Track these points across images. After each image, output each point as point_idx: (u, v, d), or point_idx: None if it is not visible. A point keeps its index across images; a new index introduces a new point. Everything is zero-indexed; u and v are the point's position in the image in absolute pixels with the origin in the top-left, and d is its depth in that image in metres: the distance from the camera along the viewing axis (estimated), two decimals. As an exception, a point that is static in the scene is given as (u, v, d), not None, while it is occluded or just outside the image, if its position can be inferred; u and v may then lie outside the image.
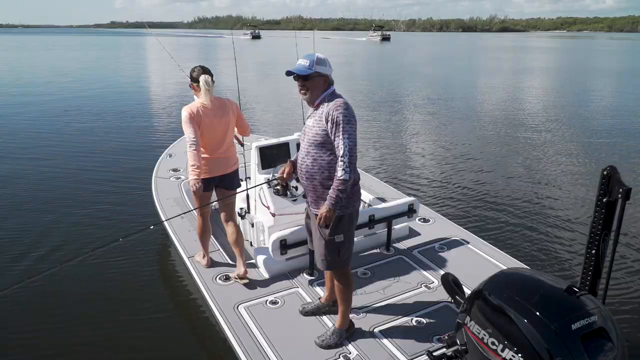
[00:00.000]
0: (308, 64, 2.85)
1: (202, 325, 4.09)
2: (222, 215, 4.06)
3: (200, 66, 3.79)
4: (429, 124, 13.13)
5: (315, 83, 2.87)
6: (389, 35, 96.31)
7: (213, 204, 4.11)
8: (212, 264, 4.07)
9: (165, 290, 4.76)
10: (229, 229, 4.04)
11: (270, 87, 21.05)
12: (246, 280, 3.81)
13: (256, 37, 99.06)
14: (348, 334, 3.16)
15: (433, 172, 8.60)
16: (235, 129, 4.10)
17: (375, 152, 9.95)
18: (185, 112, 3.67)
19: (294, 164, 3.21)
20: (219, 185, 3.95)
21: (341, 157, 2.76)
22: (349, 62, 36.69)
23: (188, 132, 3.64)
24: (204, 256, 4.09)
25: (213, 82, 3.74)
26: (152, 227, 3.71)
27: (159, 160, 6.39)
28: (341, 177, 2.76)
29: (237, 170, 4.05)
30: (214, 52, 49.01)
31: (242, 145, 4.56)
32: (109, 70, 28.90)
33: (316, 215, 2.98)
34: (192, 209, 4.28)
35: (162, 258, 5.38)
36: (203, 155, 3.74)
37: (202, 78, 3.68)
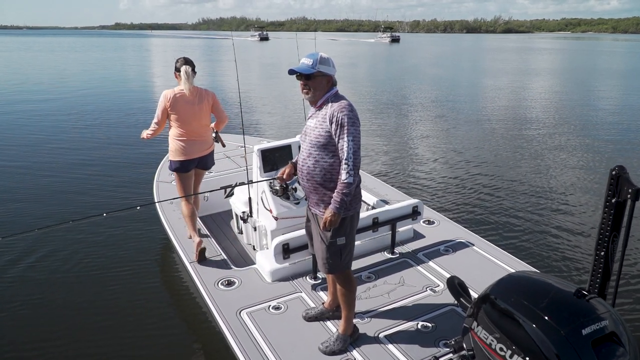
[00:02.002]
0: (311, 63, 2.83)
1: (204, 331, 4.06)
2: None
3: (183, 58, 4.23)
4: (434, 125, 13.07)
5: (318, 82, 2.84)
6: (398, 36, 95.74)
7: (206, 194, 4.63)
8: (214, 265, 4.03)
9: (167, 295, 4.72)
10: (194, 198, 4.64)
11: (274, 89, 21.04)
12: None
13: (264, 38, 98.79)
14: (352, 339, 3.10)
15: (437, 173, 8.54)
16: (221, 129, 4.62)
17: (378, 153, 9.91)
18: (161, 96, 4.16)
19: (294, 166, 3.17)
20: (197, 165, 4.42)
21: (345, 160, 2.72)
22: (358, 64, 36.64)
23: (157, 112, 4.19)
24: (190, 237, 4.29)
25: (194, 73, 4.19)
26: (138, 207, 3.99)
27: (160, 164, 6.36)
28: (345, 181, 2.72)
29: (212, 152, 4.53)
30: (219, 54, 49.04)
31: (223, 145, 4.88)
32: (112, 72, 29.04)
33: (316, 216, 2.95)
34: (184, 195, 4.44)
35: (164, 264, 5.36)
36: (182, 139, 4.21)
37: (183, 68, 4.13)
